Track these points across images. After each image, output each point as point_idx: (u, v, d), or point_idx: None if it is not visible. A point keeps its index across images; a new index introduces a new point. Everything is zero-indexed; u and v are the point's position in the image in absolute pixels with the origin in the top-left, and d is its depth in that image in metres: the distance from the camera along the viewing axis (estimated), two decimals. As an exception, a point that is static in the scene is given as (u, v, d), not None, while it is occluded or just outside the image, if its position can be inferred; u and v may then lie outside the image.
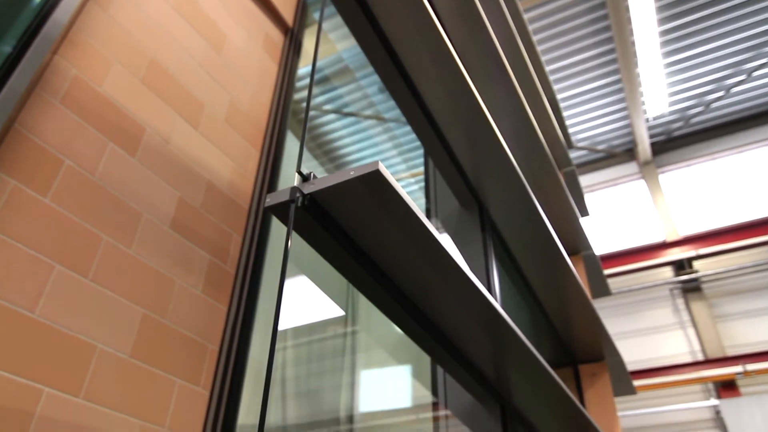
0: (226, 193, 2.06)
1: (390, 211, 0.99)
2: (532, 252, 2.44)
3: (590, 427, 2.16)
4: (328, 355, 2.40)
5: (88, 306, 1.47)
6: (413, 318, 1.31)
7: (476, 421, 1.97)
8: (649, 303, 9.44)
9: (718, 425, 8.10)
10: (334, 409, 2.25)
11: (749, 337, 8.52)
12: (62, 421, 1.32)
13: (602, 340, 3.19)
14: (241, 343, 1.82)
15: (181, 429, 1.62)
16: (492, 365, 1.61)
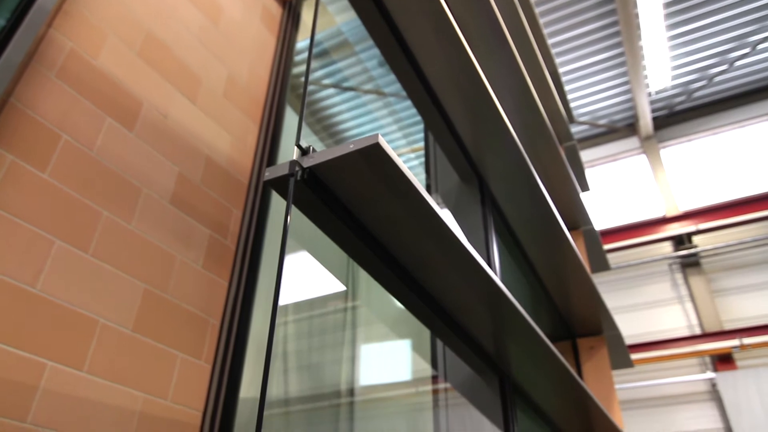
0: (225, 168, 2.05)
1: (390, 185, 0.99)
2: (531, 226, 2.44)
3: (588, 399, 2.18)
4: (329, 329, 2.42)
5: (89, 281, 1.48)
6: (413, 292, 1.31)
7: (475, 394, 1.99)
8: (647, 278, 9.50)
9: (713, 398, 8.22)
10: (335, 382, 2.28)
11: (747, 311, 8.59)
12: (66, 394, 1.34)
13: (601, 315, 3.21)
14: (242, 318, 1.83)
15: (183, 402, 1.64)
16: (491, 339, 1.63)
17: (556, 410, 2.36)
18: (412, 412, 2.27)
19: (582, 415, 2.38)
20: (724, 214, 9.06)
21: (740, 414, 7.69)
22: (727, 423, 7.86)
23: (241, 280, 1.87)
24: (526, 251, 2.67)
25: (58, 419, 1.31)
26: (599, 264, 4.20)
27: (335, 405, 2.19)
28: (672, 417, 8.28)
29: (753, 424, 7.56)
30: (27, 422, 1.25)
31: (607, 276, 9.82)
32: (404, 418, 2.25)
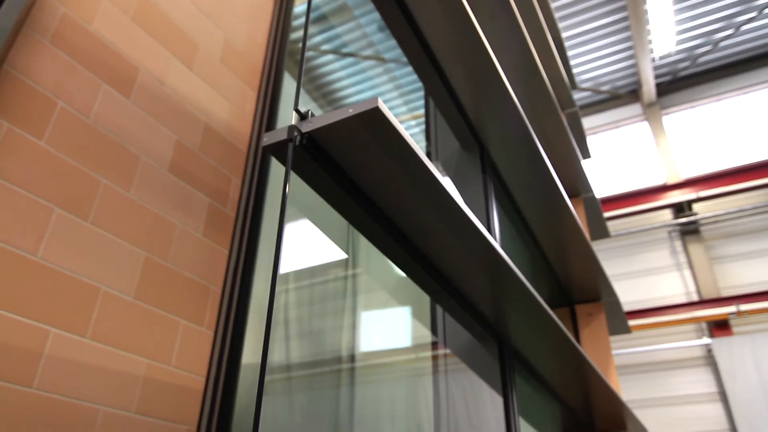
0: (223, 136, 2.03)
1: (390, 150, 0.97)
2: (532, 193, 2.43)
3: (585, 364, 2.21)
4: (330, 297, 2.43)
5: (90, 249, 1.48)
6: (413, 258, 1.31)
7: (474, 360, 2.02)
8: (647, 245, 9.54)
9: (708, 363, 8.35)
10: (336, 348, 2.30)
11: (744, 278, 8.65)
12: (70, 360, 1.36)
13: (599, 281, 3.23)
14: (244, 285, 1.84)
15: (187, 367, 1.66)
16: (490, 305, 1.64)
17: (554, 375, 2.40)
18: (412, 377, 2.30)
19: (579, 379, 2.42)
20: (725, 182, 9.04)
21: (735, 379, 7.82)
22: (722, 388, 8.01)
23: (242, 247, 1.87)
24: (526, 218, 2.67)
25: (63, 384, 1.33)
26: (599, 231, 4.20)
27: (336, 371, 2.22)
28: (667, 381, 8.43)
29: (747, 388, 7.70)
30: (33, 387, 1.27)
31: (607, 243, 9.86)
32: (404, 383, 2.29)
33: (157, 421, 1.53)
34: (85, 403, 1.37)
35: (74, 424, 1.33)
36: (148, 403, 1.52)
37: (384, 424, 2.06)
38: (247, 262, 1.87)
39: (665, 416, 8.23)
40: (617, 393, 2.70)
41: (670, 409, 8.24)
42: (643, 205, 9.51)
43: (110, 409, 1.42)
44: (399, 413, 2.11)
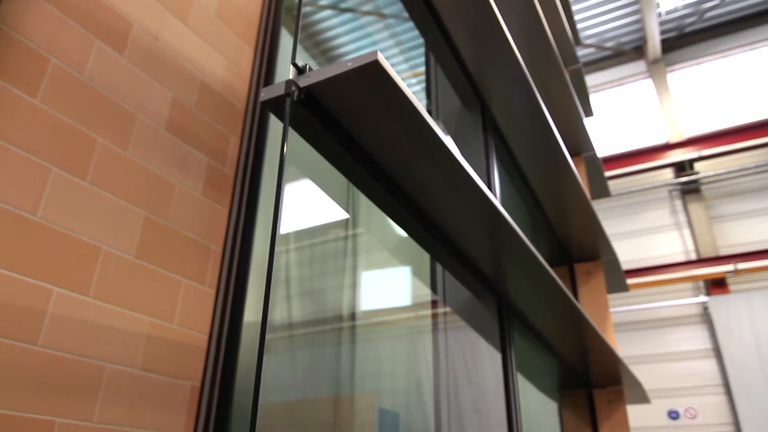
0: (220, 93, 2.00)
1: (389, 105, 0.96)
2: (533, 152, 2.41)
3: (583, 321, 2.24)
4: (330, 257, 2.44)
5: (89, 208, 1.48)
6: (413, 216, 1.31)
7: (474, 317, 2.05)
8: (647, 204, 9.54)
9: (704, 320, 8.47)
10: (337, 307, 2.33)
11: (743, 237, 8.68)
12: (74, 318, 1.37)
13: (599, 240, 3.24)
14: (244, 244, 1.84)
15: (189, 325, 1.68)
16: (490, 262, 1.64)
17: (552, 332, 2.43)
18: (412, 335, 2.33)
19: (577, 336, 2.46)
20: (727, 140, 8.97)
21: (730, 336, 7.96)
22: (716, 344, 8.16)
23: (241, 206, 1.87)
24: (527, 177, 2.65)
25: (68, 342, 1.35)
26: (600, 190, 4.19)
27: (337, 329, 2.25)
28: (663, 338, 8.58)
29: (741, 345, 7.84)
30: (38, 345, 1.29)
31: (607, 203, 9.86)
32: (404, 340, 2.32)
33: (162, 377, 1.56)
34: (91, 360, 1.39)
35: (81, 380, 1.36)
36: (152, 360, 1.54)
37: (384, 380, 2.10)
38: (247, 221, 1.87)
39: (660, 372, 8.41)
40: (614, 349, 2.75)
41: (665, 365, 8.42)
42: (645, 164, 9.47)
43: (116, 365, 1.45)
44: (399, 370, 2.15)
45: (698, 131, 9.50)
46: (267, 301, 0.71)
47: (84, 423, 1.35)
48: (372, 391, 2.06)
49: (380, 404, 1.99)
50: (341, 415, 1.98)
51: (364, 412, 1.98)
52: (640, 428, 8.27)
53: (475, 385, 2.03)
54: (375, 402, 1.99)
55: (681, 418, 8.06)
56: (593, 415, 3.49)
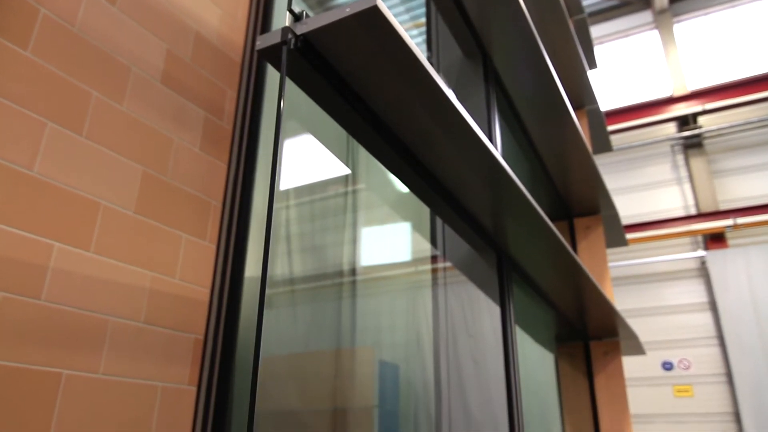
0: (216, 45, 1.95)
1: (388, 53, 0.93)
2: (535, 104, 2.37)
3: (582, 274, 2.26)
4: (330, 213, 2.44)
5: (87, 164, 1.46)
6: (413, 170, 1.30)
7: (474, 271, 2.06)
8: (648, 159, 9.49)
9: (701, 275, 8.56)
10: (337, 263, 2.34)
11: (744, 192, 8.67)
12: (76, 273, 1.38)
13: (599, 195, 3.23)
14: (244, 199, 1.84)
15: (191, 280, 1.70)
16: (490, 216, 1.64)
17: (551, 285, 2.46)
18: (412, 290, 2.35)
19: (575, 289, 2.48)
20: (732, 93, 8.83)
21: (726, 290, 8.06)
22: (712, 298, 8.27)
23: (240, 161, 1.85)
24: (528, 130, 2.62)
25: (71, 296, 1.36)
26: (601, 145, 4.16)
27: (338, 284, 2.27)
28: (661, 292, 8.69)
29: (737, 298, 7.95)
30: (41, 299, 1.30)
31: (608, 157, 9.80)
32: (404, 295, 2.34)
33: (166, 330, 1.59)
34: (95, 314, 1.41)
35: (86, 333, 1.38)
36: (155, 313, 1.56)
37: (385, 334, 2.14)
38: (246, 176, 1.85)
39: (656, 324, 8.56)
40: (611, 302, 2.78)
41: (661, 318, 8.56)
42: (648, 118, 9.36)
43: (119, 319, 1.46)
44: (399, 324, 2.18)
45: (703, 84, 9.35)
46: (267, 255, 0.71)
47: (90, 374, 1.37)
48: (372, 345, 2.09)
49: (381, 357, 2.02)
50: (342, 368, 2.02)
51: (365, 364, 2.02)
52: (634, 379, 8.48)
53: (473, 338, 2.06)
54: (375, 355, 2.03)
55: (675, 369, 8.25)
56: (589, 366, 3.57)
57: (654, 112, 9.36)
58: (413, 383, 2.00)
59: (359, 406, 1.95)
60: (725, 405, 7.82)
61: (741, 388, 7.57)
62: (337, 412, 1.94)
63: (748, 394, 7.51)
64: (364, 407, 1.95)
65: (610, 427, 3.42)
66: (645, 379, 8.41)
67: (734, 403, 7.75)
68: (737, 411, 7.68)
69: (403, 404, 1.94)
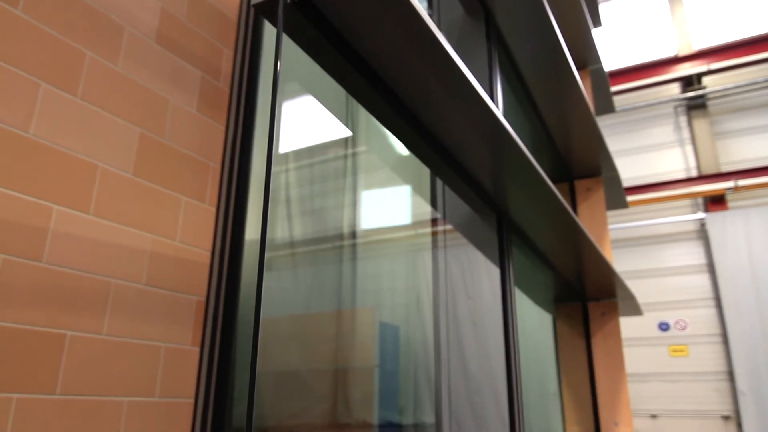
0: (211, 3, 1.90)
1: (388, 7, 0.90)
2: (538, 63, 2.33)
3: (581, 235, 2.26)
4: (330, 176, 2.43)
5: (83, 125, 1.45)
6: (413, 129, 1.28)
7: (474, 233, 2.06)
8: (651, 121, 9.40)
9: (700, 237, 8.59)
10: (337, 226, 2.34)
11: (746, 153, 8.62)
12: (76, 236, 1.38)
13: (601, 156, 3.21)
14: (242, 161, 1.83)
15: (192, 242, 1.70)
16: (491, 177, 1.63)
17: (550, 246, 2.46)
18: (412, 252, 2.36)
19: (574, 250, 2.49)
20: (738, 53, 8.68)
21: (724, 251, 8.10)
22: (711, 260, 8.32)
23: (238, 122, 1.83)
24: (531, 90, 2.58)
25: (72, 258, 1.36)
26: (604, 106, 4.11)
27: (338, 246, 2.27)
28: (660, 254, 8.74)
29: (735, 260, 8.00)
30: (42, 262, 1.30)
31: (610, 119, 9.71)
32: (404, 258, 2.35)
33: (168, 292, 1.60)
34: (97, 276, 1.41)
35: (88, 295, 1.39)
36: (157, 275, 1.57)
37: (385, 296, 2.15)
38: (245, 137, 1.83)
39: (654, 286, 8.64)
40: (610, 263, 2.80)
41: (659, 280, 8.64)
42: (651, 78, 9.22)
43: (121, 281, 1.47)
44: (399, 286, 2.19)
45: (708, 44, 9.18)
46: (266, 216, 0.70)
47: (94, 335, 1.39)
48: (373, 306, 2.11)
49: (381, 318, 2.04)
50: (343, 329, 2.04)
51: (366, 325, 2.04)
52: (630, 339, 8.62)
53: (473, 299, 2.08)
54: (376, 316, 2.05)
55: (671, 330, 8.38)
56: (587, 326, 3.62)
57: (658, 73, 9.21)
58: (413, 344, 2.03)
59: (360, 366, 1.98)
60: (719, 364, 7.97)
61: (735, 348, 7.70)
62: (338, 372, 1.97)
63: (742, 353, 7.65)
64: (364, 367, 1.98)
65: (606, 386, 3.49)
66: (641, 340, 8.54)
67: (728, 362, 7.89)
68: (731, 370, 7.84)
69: (403, 364, 1.97)
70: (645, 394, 8.28)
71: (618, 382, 3.47)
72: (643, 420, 8.25)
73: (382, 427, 1.83)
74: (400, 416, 1.91)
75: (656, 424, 8.17)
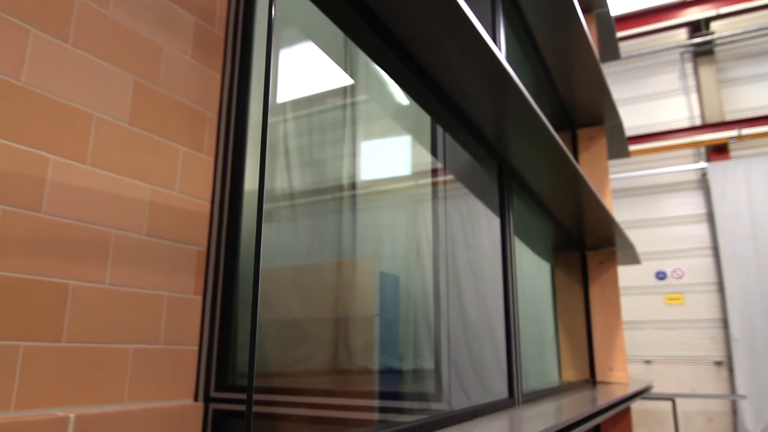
0: (202, -56, 1.83)
1: (387, -56, 0.86)
2: (543, 5, 2.25)
3: (582, 183, 2.25)
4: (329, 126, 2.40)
5: (75, 72, 1.41)
6: (414, 75, 1.25)
7: (474, 182, 2.05)
8: (656, 68, 9.21)
9: (701, 186, 8.58)
10: (337, 177, 2.33)
11: (752, 101, 8.49)
12: (74, 186, 1.37)
13: (604, 104, 3.16)
14: (240, 110, 1.80)
15: (191, 192, 1.69)
16: (492, 123, 1.61)
17: (550, 195, 2.46)
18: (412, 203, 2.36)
19: (575, 199, 2.49)
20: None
21: (725, 201, 8.11)
22: (710, 209, 8.34)
23: (234, 70, 1.79)
24: (535, 35, 2.51)
25: (71, 209, 1.36)
26: (609, 52, 4.01)
27: (338, 197, 2.27)
28: (660, 204, 8.75)
29: (735, 209, 8.01)
30: (42, 212, 1.30)
31: (613, 66, 9.52)
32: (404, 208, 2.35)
33: (169, 242, 1.60)
34: (97, 226, 1.41)
35: (89, 246, 1.39)
36: (157, 226, 1.57)
37: (385, 246, 2.16)
38: (242, 85, 1.80)
39: (653, 235, 8.69)
40: (610, 212, 2.80)
41: (658, 230, 8.68)
42: (658, 23, 8.97)
43: (121, 231, 1.47)
44: (399, 236, 2.20)
45: (718, -14, 8.88)
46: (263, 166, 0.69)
47: (97, 285, 1.40)
48: (373, 256, 2.13)
49: (381, 268, 2.06)
50: (344, 278, 2.06)
51: (366, 275, 2.06)
52: (627, 288, 8.74)
53: (472, 249, 2.09)
54: (376, 266, 2.06)
55: (668, 278, 8.48)
56: (585, 275, 3.66)
57: (665, 17, 8.96)
58: (413, 293, 2.05)
59: (360, 315, 2.01)
60: (714, 312, 8.11)
61: (731, 296, 7.82)
62: (339, 321, 2.01)
63: (737, 301, 7.78)
64: (365, 316, 2.01)
65: (602, 333, 3.56)
66: (638, 288, 8.67)
67: (723, 310, 8.03)
68: (725, 318, 7.98)
69: (403, 313, 2.00)
70: (640, 341, 8.47)
71: (614, 329, 3.54)
72: (637, 365, 8.48)
73: (382, 373, 1.88)
74: (400, 362, 1.96)
75: (650, 369, 8.40)
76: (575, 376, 3.45)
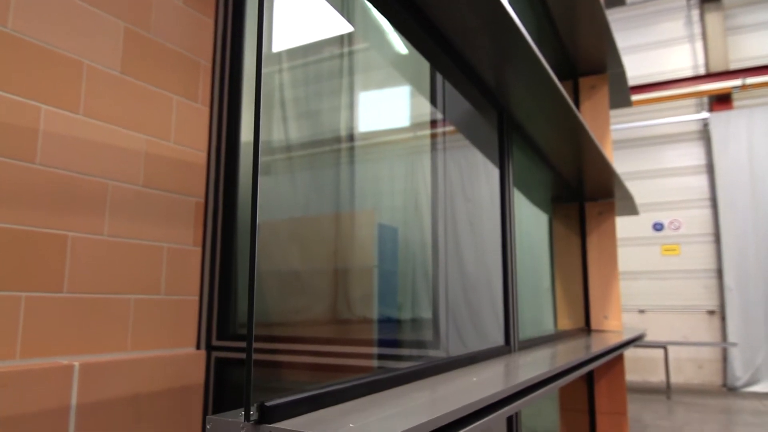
0: None
1: None
2: (546, -52, 2.17)
3: (583, 132, 2.23)
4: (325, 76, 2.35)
5: (62, 18, 1.37)
6: (412, 17, 1.21)
7: (473, 132, 2.03)
8: (661, 14, 8.97)
9: (702, 137, 8.51)
10: (334, 128, 2.30)
11: (758, 50, 8.32)
12: (68, 136, 1.35)
13: (608, 51, 3.09)
14: (234, 58, 1.75)
15: (187, 143, 1.67)
16: (492, 69, 1.57)
17: (551, 144, 2.44)
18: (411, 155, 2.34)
19: (575, 148, 2.47)
20: (760, -62, 8.10)
21: (725, 151, 8.06)
22: (710, 161, 8.30)
23: (228, 16, 1.73)
24: (537, -20, 2.43)
25: (66, 160, 1.34)
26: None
27: (336, 149, 2.25)
28: (660, 155, 8.71)
29: (735, 159, 7.98)
30: (36, 163, 1.28)
31: (618, 12, 9.27)
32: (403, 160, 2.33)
33: (166, 193, 1.59)
34: (93, 177, 1.40)
35: (86, 197, 1.38)
36: (153, 177, 1.56)
37: (384, 198, 2.16)
38: (235, 33, 1.75)
39: (652, 186, 8.69)
40: (610, 163, 2.78)
41: (657, 181, 8.67)
42: (665, -32, 8.68)
43: (118, 182, 1.46)
44: (398, 188, 2.19)
45: (729, -72, 8.55)
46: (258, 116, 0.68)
47: (95, 236, 1.40)
48: (372, 208, 2.12)
49: (380, 220, 2.06)
50: (343, 230, 2.07)
51: (365, 227, 2.06)
52: (624, 239, 8.80)
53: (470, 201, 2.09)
54: (375, 218, 2.06)
55: (665, 230, 8.53)
56: (583, 225, 3.68)
57: (672, -38, 8.67)
58: (411, 244, 2.06)
59: (360, 266, 2.03)
60: (709, 263, 8.20)
61: (727, 246, 7.89)
62: (338, 272, 2.02)
63: (733, 252, 7.85)
64: (364, 267, 2.02)
65: (598, 283, 3.61)
66: (635, 239, 8.73)
67: (718, 261, 8.12)
68: (720, 268, 8.08)
69: (402, 264, 2.02)
70: (634, 291, 8.60)
71: (610, 279, 3.58)
72: (631, 315, 8.64)
73: (381, 323, 1.91)
74: (398, 312, 1.98)
75: (643, 318, 8.56)
76: (571, 325, 3.51)
